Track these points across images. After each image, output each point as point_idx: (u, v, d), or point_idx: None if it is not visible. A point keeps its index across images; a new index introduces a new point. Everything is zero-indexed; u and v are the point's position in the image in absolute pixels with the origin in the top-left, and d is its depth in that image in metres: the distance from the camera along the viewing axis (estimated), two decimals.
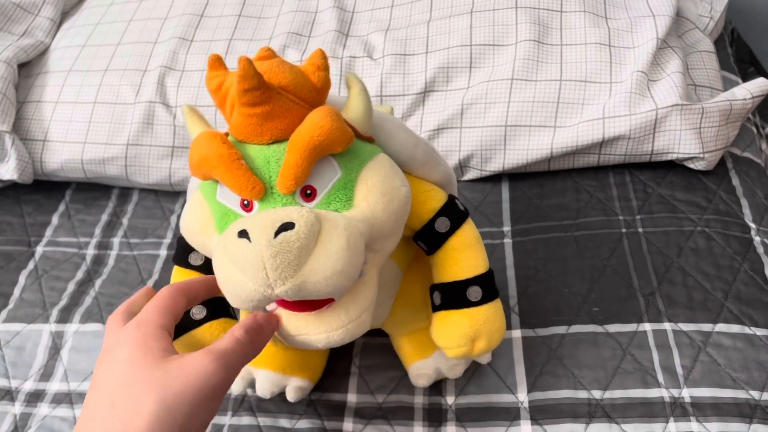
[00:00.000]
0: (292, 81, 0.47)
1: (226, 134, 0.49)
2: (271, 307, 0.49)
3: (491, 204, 0.84)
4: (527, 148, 0.82)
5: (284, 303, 0.47)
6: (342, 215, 0.46)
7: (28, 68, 1.00)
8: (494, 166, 0.84)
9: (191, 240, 0.51)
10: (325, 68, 0.48)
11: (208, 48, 0.95)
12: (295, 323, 0.48)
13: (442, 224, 0.55)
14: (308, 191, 0.46)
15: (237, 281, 0.43)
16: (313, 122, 0.44)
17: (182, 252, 0.57)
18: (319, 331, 0.48)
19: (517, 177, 0.87)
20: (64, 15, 1.10)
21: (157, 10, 1.02)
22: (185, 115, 0.52)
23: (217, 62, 0.49)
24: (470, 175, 0.87)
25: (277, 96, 0.45)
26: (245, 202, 0.46)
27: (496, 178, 0.88)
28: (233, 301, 0.45)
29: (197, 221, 0.49)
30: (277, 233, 0.42)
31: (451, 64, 0.86)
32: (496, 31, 0.87)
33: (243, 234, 0.42)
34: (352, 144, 0.47)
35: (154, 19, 1.01)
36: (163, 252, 0.85)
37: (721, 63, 0.97)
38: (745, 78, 1.19)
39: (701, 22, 0.99)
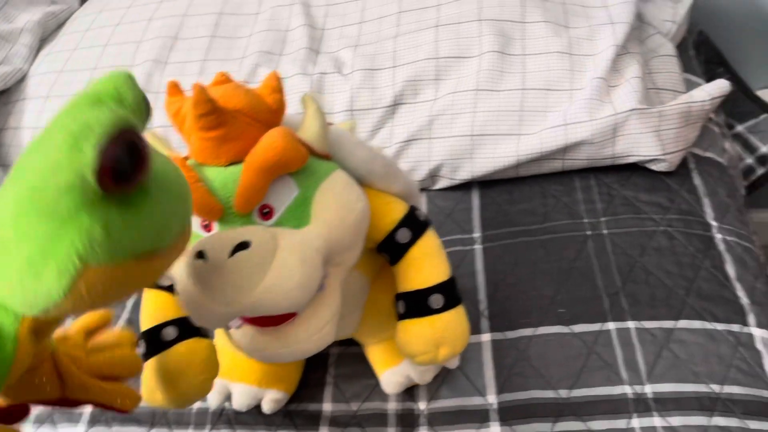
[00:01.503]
0: (247, 104, 0.49)
1: (186, 158, 0.51)
2: (236, 323, 0.51)
3: (462, 211, 0.86)
4: (494, 156, 0.84)
5: (247, 318, 0.49)
6: (298, 231, 0.47)
7: (6, 95, 1.02)
8: (463, 174, 0.86)
9: None
10: (279, 90, 0.50)
11: (183, 69, 0.97)
12: (260, 339, 0.50)
13: (403, 235, 0.57)
14: (265, 210, 0.48)
15: (197, 301, 0.45)
16: (267, 143, 0.46)
17: None
18: (283, 345, 0.49)
19: (487, 184, 0.89)
20: (42, 41, 1.12)
21: (132, 33, 1.05)
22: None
23: (175, 88, 0.51)
24: (441, 183, 0.89)
25: (232, 119, 0.47)
26: (205, 223, 0.48)
27: (466, 186, 0.90)
28: (195, 320, 0.47)
29: None
30: (233, 252, 0.44)
31: (418, 77, 0.88)
32: (460, 44, 0.89)
33: (200, 255, 0.44)
34: (307, 162, 0.49)
35: (130, 43, 1.03)
36: None
37: (684, 65, 0.99)
38: (714, 79, 1.22)
39: (664, 27, 1.02)
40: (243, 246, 0.44)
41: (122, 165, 0.31)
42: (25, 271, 0.32)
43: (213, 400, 0.68)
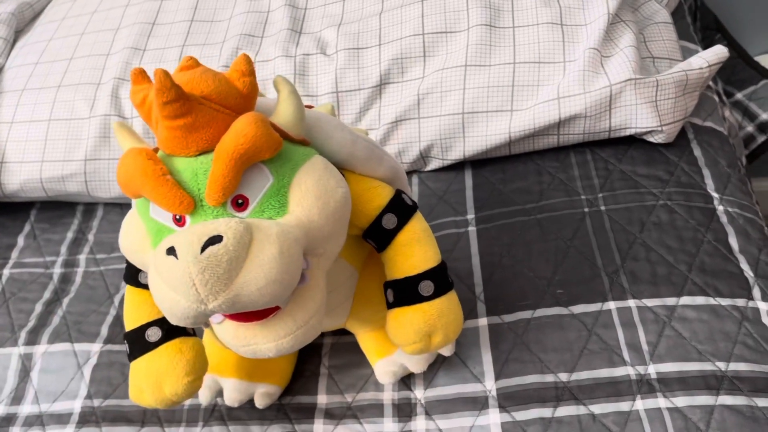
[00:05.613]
0: (215, 89, 0.46)
1: (156, 149, 0.48)
2: (217, 318, 0.48)
3: (455, 192, 0.84)
4: (486, 134, 0.81)
5: (229, 314, 0.47)
6: (275, 222, 0.45)
7: None
8: (455, 154, 0.83)
9: (131, 258, 0.50)
10: (251, 73, 0.47)
11: (161, 56, 0.94)
12: (243, 334, 0.47)
13: (389, 221, 0.55)
14: (240, 201, 0.45)
15: (170, 299, 0.42)
16: (237, 131, 0.43)
17: (132, 271, 0.57)
18: (267, 340, 0.47)
19: (479, 163, 0.86)
20: (18, 33, 1.09)
21: (109, 21, 1.01)
22: (115, 132, 0.51)
23: (140, 76, 0.48)
24: (433, 165, 0.86)
25: (199, 106, 0.44)
26: (177, 217, 0.45)
27: (459, 166, 0.87)
28: (171, 319, 0.44)
29: (134, 240, 0.49)
30: (204, 247, 0.41)
31: (404, 55, 0.85)
32: (447, 18, 0.86)
33: (171, 251, 0.42)
34: (282, 149, 0.47)
35: (106, 31, 1.00)
36: None
37: (680, 33, 0.96)
38: (711, 45, 1.19)
39: None
40: (215, 240, 0.41)
41: None
42: None
43: (204, 396, 0.65)
